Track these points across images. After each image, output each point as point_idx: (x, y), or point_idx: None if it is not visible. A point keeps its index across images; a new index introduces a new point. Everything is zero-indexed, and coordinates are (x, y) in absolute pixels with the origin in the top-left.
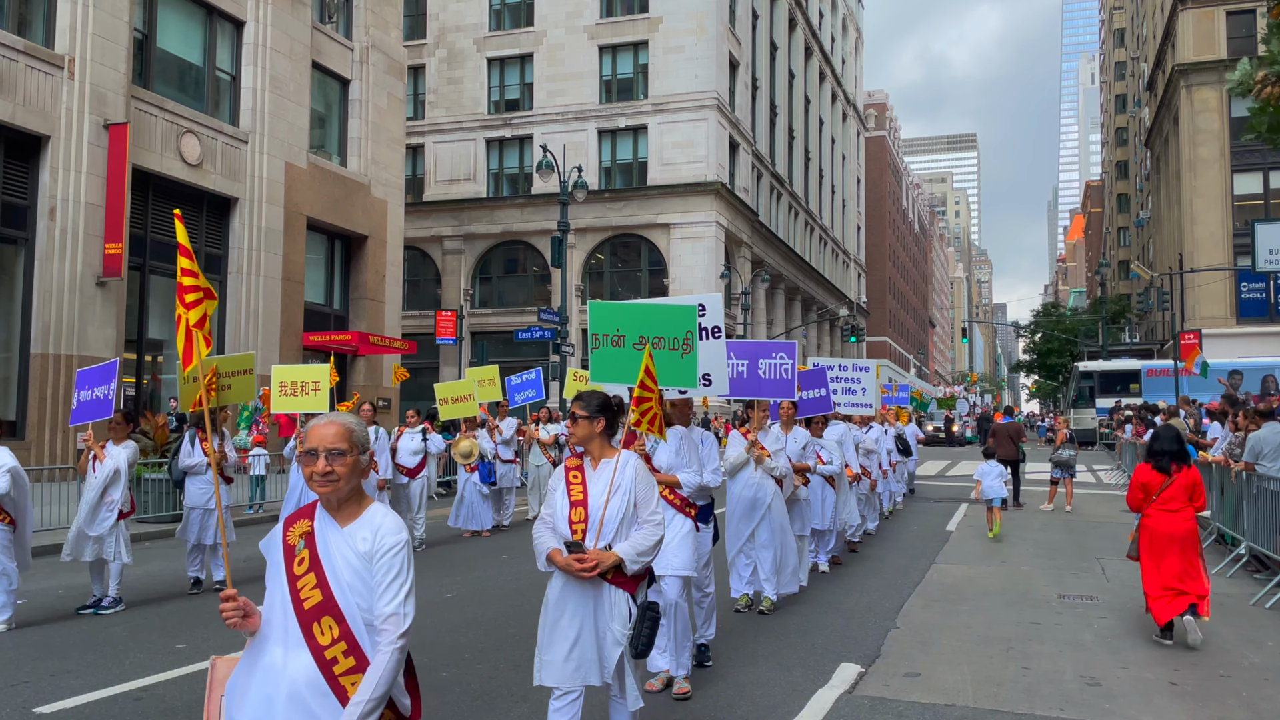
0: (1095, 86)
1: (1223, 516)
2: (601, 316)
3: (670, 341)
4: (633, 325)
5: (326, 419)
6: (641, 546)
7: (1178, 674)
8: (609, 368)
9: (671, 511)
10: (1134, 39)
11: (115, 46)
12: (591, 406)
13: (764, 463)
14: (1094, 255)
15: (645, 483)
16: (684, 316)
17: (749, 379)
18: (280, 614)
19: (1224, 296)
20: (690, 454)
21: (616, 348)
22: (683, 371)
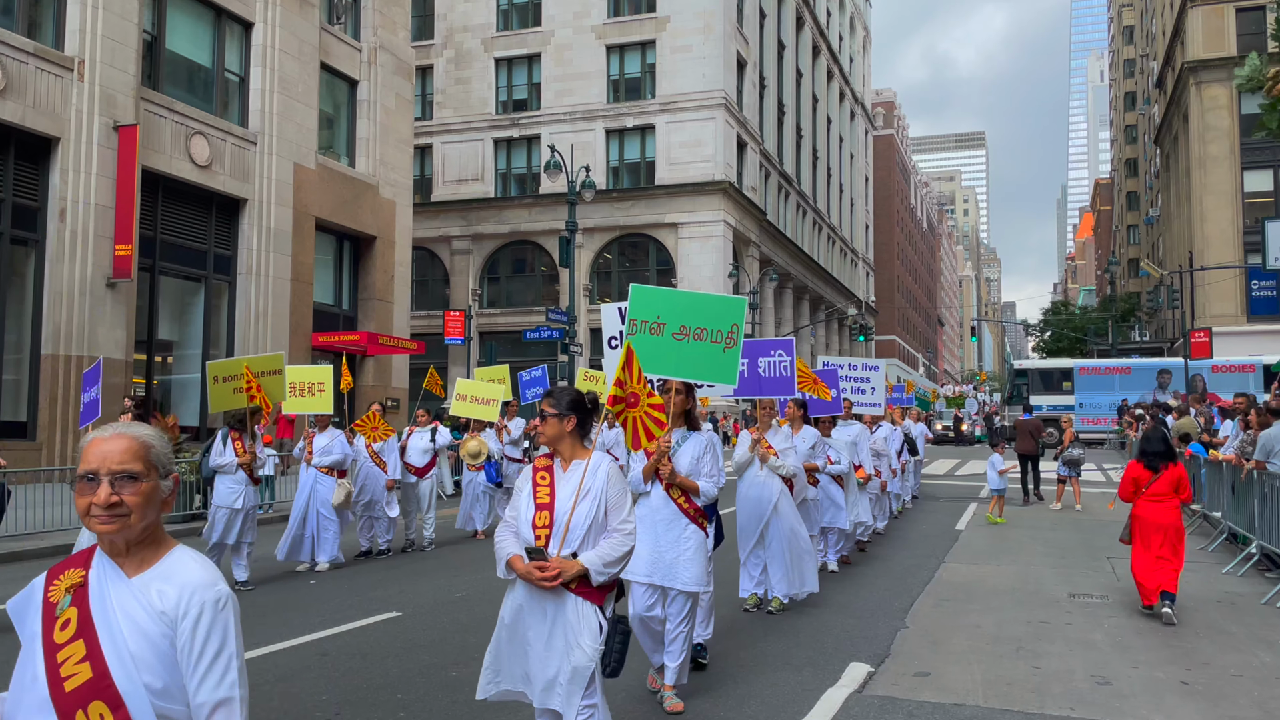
0: (1104, 84)
1: (1234, 515)
2: (643, 301)
3: (713, 334)
4: (675, 313)
5: (113, 431)
6: (609, 556)
7: (1189, 673)
8: (644, 356)
9: (684, 521)
10: (1143, 36)
11: (125, 48)
12: (562, 404)
13: (769, 461)
14: (1103, 253)
15: (618, 488)
16: (732, 309)
17: (750, 379)
18: (32, 699)
19: (1234, 294)
20: (712, 460)
21: (655, 335)
22: (723, 366)
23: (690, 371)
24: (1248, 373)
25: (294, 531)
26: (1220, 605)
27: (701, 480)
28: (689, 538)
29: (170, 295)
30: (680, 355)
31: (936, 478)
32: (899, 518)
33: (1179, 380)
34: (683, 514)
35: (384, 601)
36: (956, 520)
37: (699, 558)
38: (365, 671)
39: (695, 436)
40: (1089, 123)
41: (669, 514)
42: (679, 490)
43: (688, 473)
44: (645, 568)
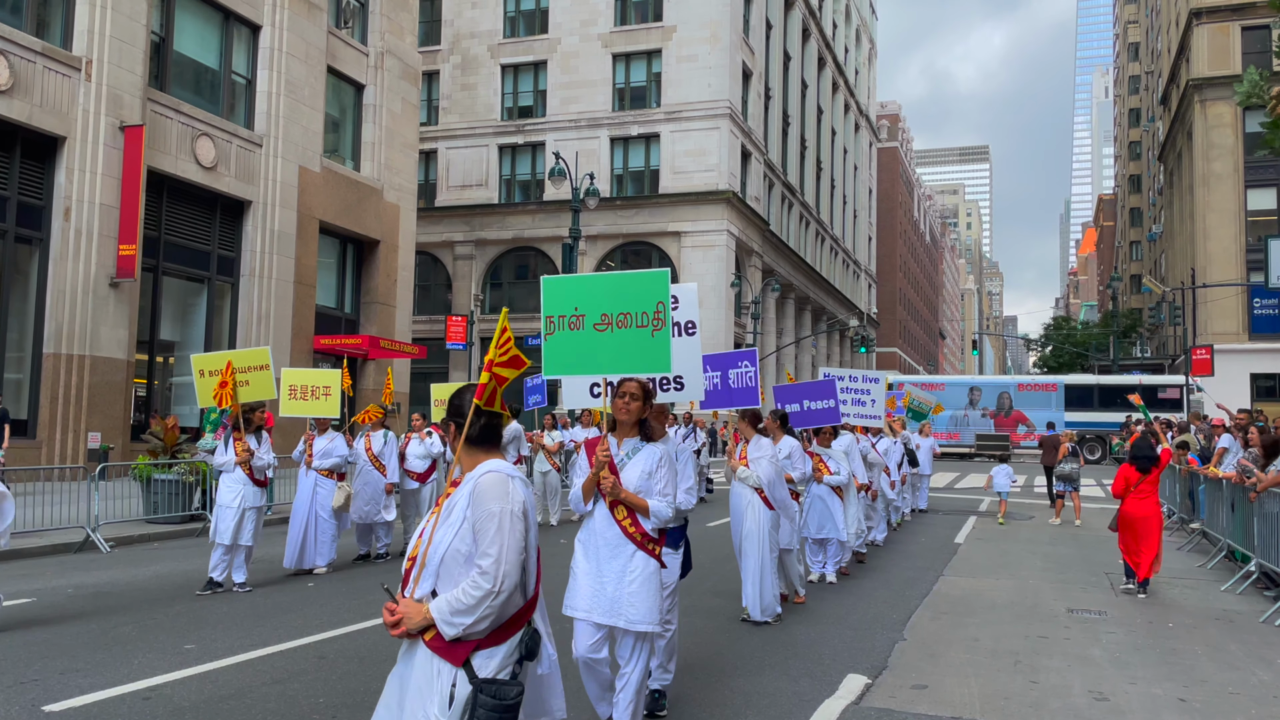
0: (1109, 100)
1: (1233, 533)
2: (557, 294)
3: (638, 317)
4: (594, 302)
5: None
6: (459, 603)
7: (1187, 690)
8: (566, 356)
9: (630, 547)
10: (1148, 53)
11: (132, 49)
12: (450, 411)
13: (737, 472)
14: (1106, 269)
15: (484, 508)
16: (653, 286)
17: (722, 390)
18: None
19: (1236, 312)
20: (668, 477)
21: (575, 330)
22: (654, 352)
23: (620, 364)
24: (1050, 391)
25: (298, 537)
26: (1219, 623)
27: (653, 499)
28: (636, 567)
29: (173, 296)
30: (605, 348)
31: (936, 491)
32: (898, 530)
33: None
34: (628, 538)
35: (382, 605)
36: (955, 533)
37: (648, 590)
38: (362, 675)
39: (649, 449)
40: (1093, 138)
41: (613, 538)
42: (625, 510)
43: (637, 489)
44: (585, 602)
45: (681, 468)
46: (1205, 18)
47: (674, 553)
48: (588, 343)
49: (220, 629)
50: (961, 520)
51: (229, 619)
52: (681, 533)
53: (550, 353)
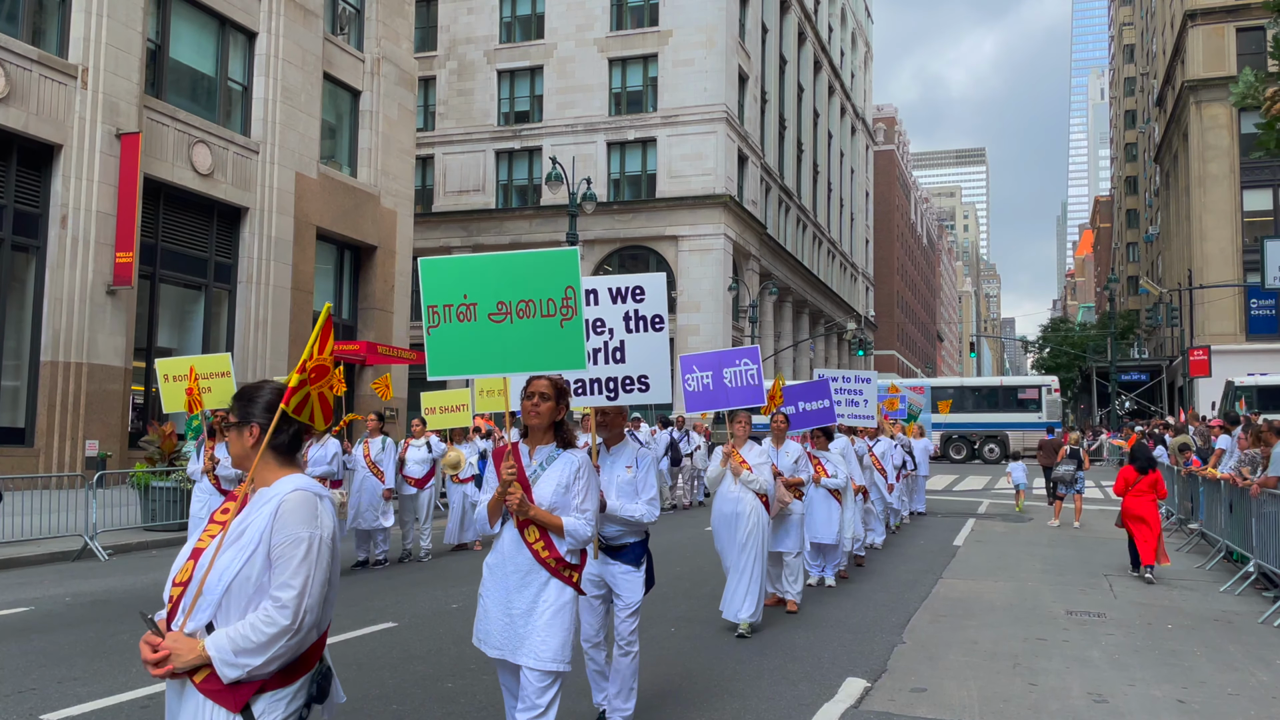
0: (1105, 102)
1: (1231, 534)
2: (439, 280)
3: (543, 304)
4: (487, 287)
5: None
6: (246, 641)
7: (1186, 692)
8: (455, 352)
9: (542, 574)
10: (1144, 55)
11: (128, 56)
12: (240, 408)
13: (741, 476)
14: (1103, 270)
15: (291, 533)
16: (560, 266)
17: (715, 390)
18: None
19: (1233, 313)
20: (587, 490)
21: (466, 322)
22: (564, 346)
23: (524, 361)
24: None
25: None
26: (1218, 624)
27: (570, 516)
28: (547, 597)
29: (170, 303)
30: (505, 342)
31: (934, 493)
32: (897, 533)
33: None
34: (540, 564)
35: (380, 612)
36: (954, 536)
37: (560, 623)
38: (361, 682)
39: (566, 458)
40: (1089, 140)
41: (523, 563)
42: (536, 531)
43: (551, 506)
44: (498, 638)
45: (644, 475)
46: (1200, 19)
47: (635, 570)
48: (482, 337)
49: None
50: (960, 523)
51: None
52: (642, 548)
53: (435, 349)
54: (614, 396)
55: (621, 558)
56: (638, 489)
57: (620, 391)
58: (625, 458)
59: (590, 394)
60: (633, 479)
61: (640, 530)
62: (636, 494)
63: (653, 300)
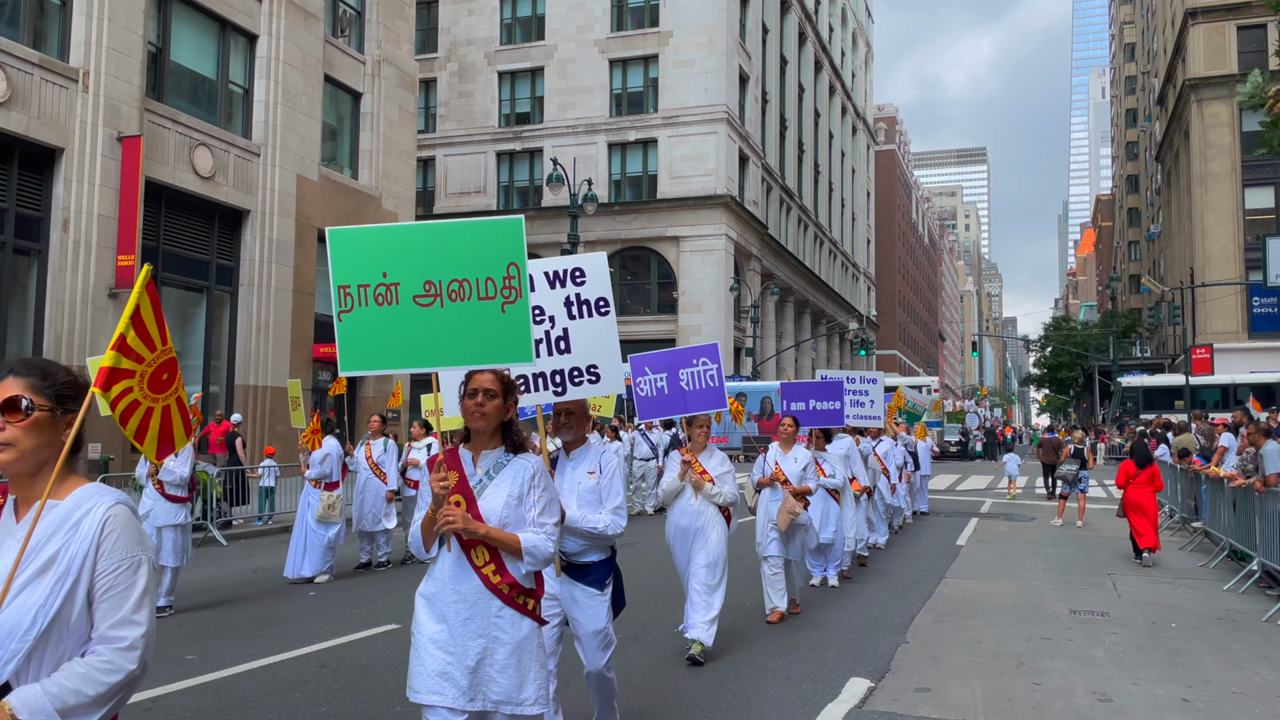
0: (1105, 101)
1: (1235, 533)
2: (352, 255)
3: (480, 285)
4: (411, 264)
5: None
6: (77, 697)
7: (1190, 690)
8: (374, 342)
9: (494, 604)
10: (1144, 53)
11: (129, 60)
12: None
13: (703, 489)
14: (1104, 269)
15: (123, 558)
16: (500, 240)
17: (671, 394)
18: None
19: (1235, 311)
20: (545, 500)
21: (385, 305)
22: (507, 334)
23: (459, 353)
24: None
25: (296, 547)
26: (1222, 622)
27: (526, 531)
28: (503, 631)
29: (172, 306)
30: (434, 330)
31: (938, 492)
32: (900, 532)
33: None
34: (492, 591)
35: (383, 613)
36: (957, 535)
37: (520, 661)
38: (364, 684)
39: (518, 464)
40: (1090, 139)
41: (469, 592)
42: (485, 553)
43: (502, 522)
44: (436, 682)
45: (608, 481)
46: (1200, 18)
47: (598, 595)
48: (405, 323)
49: (221, 639)
50: (963, 522)
51: (230, 629)
52: (608, 568)
53: (348, 338)
54: (562, 391)
55: (585, 579)
56: (601, 496)
57: (569, 384)
58: (588, 462)
59: (534, 390)
60: (596, 485)
61: (605, 545)
62: (600, 502)
63: (594, 282)
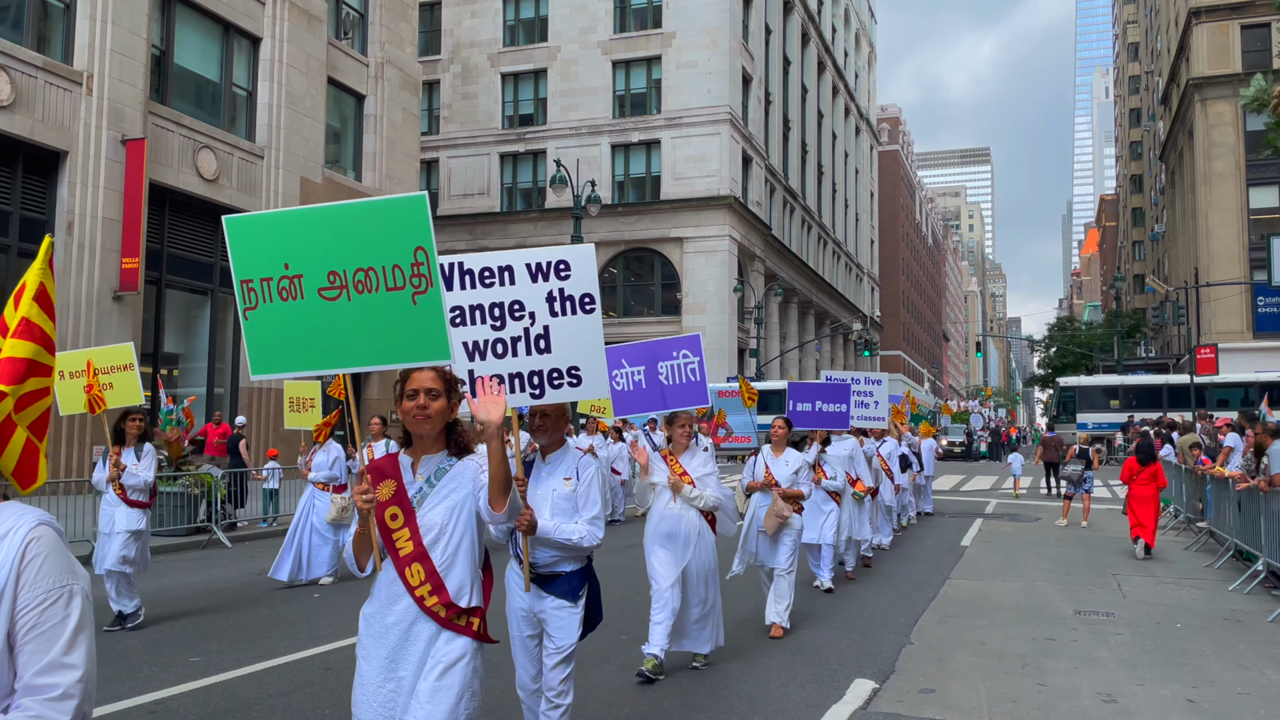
0: (1109, 100)
1: (1240, 533)
2: (254, 245)
3: (387, 274)
4: (314, 254)
5: None
6: None
7: (1195, 691)
8: (280, 342)
9: (429, 626)
10: (1148, 53)
11: (133, 63)
12: None
13: (682, 491)
14: (1109, 269)
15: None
16: (402, 221)
17: (649, 388)
18: None
19: (1240, 310)
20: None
21: (290, 300)
22: (417, 331)
23: (367, 351)
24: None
25: (288, 549)
26: (1227, 623)
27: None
28: (438, 659)
29: (176, 308)
30: (341, 327)
31: (942, 493)
32: (904, 533)
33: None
34: (426, 614)
35: None
36: (961, 536)
37: (450, 686)
38: None
39: (462, 469)
40: (1094, 139)
41: (405, 613)
42: (421, 572)
43: (444, 535)
44: (376, 712)
45: (585, 488)
46: (1204, 17)
47: (570, 606)
48: (312, 320)
49: (226, 641)
50: (967, 523)
51: (234, 631)
52: (581, 578)
53: (256, 339)
54: (540, 394)
55: (554, 589)
56: (578, 505)
57: (547, 387)
58: (564, 468)
59: (511, 392)
60: (572, 493)
61: (580, 556)
62: (576, 511)
63: (580, 276)
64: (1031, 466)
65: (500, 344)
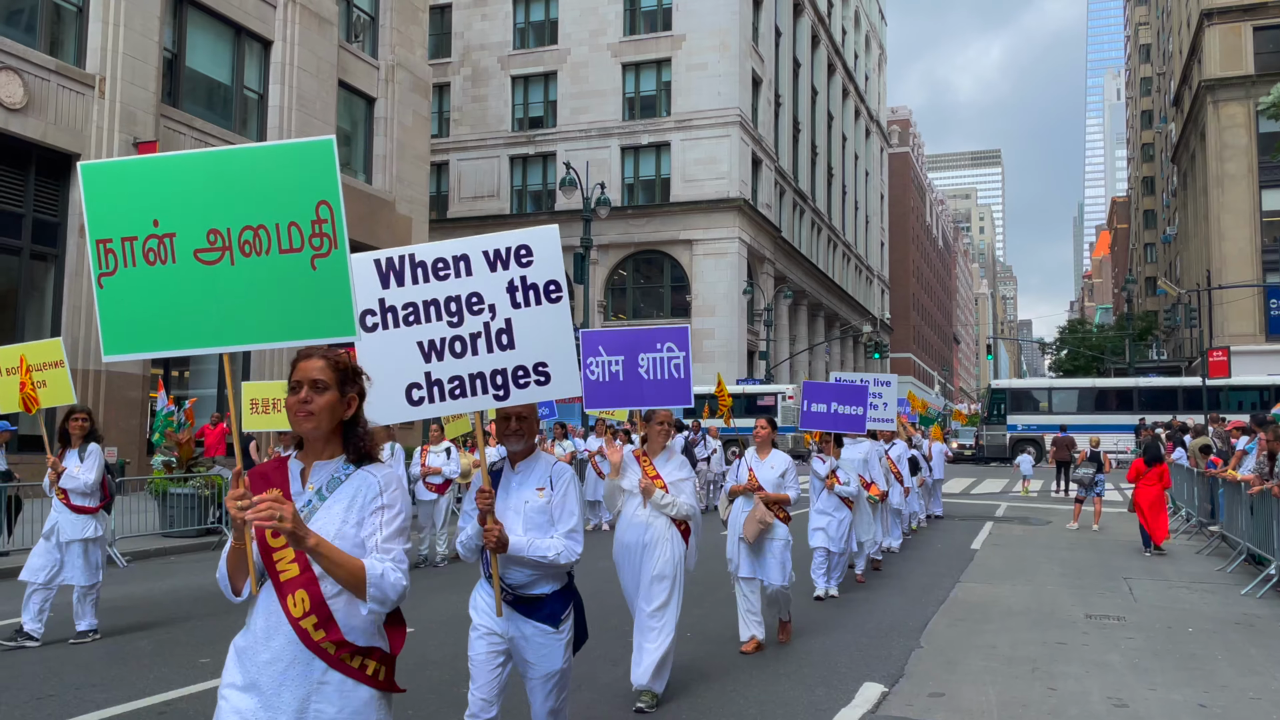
0: (1121, 102)
1: (1252, 536)
2: (116, 197)
3: (281, 233)
4: (190, 208)
5: None
6: None
7: (1207, 696)
8: (142, 316)
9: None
10: (1160, 54)
11: (145, 66)
12: None
13: (653, 497)
14: (1120, 271)
15: None
16: (303, 169)
17: (627, 382)
18: None
19: (1253, 313)
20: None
21: (157, 265)
22: (318, 301)
23: (254, 326)
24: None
25: None
26: (1239, 627)
27: (372, 559)
28: (328, 702)
29: None
30: (223, 297)
31: (952, 496)
32: (913, 536)
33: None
34: (312, 651)
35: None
36: (972, 539)
37: None
38: None
39: (360, 478)
40: (1106, 141)
41: (283, 650)
42: (306, 600)
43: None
44: None
45: (560, 499)
46: (1216, 18)
47: (554, 632)
48: (186, 288)
49: None
50: (978, 526)
51: None
52: (564, 600)
53: (112, 310)
54: (504, 394)
55: (535, 614)
56: (553, 517)
57: (512, 387)
58: (536, 476)
59: (472, 393)
60: (545, 504)
61: (560, 574)
62: (551, 524)
63: (544, 261)
64: (1044, 468)
65: (459, 342)
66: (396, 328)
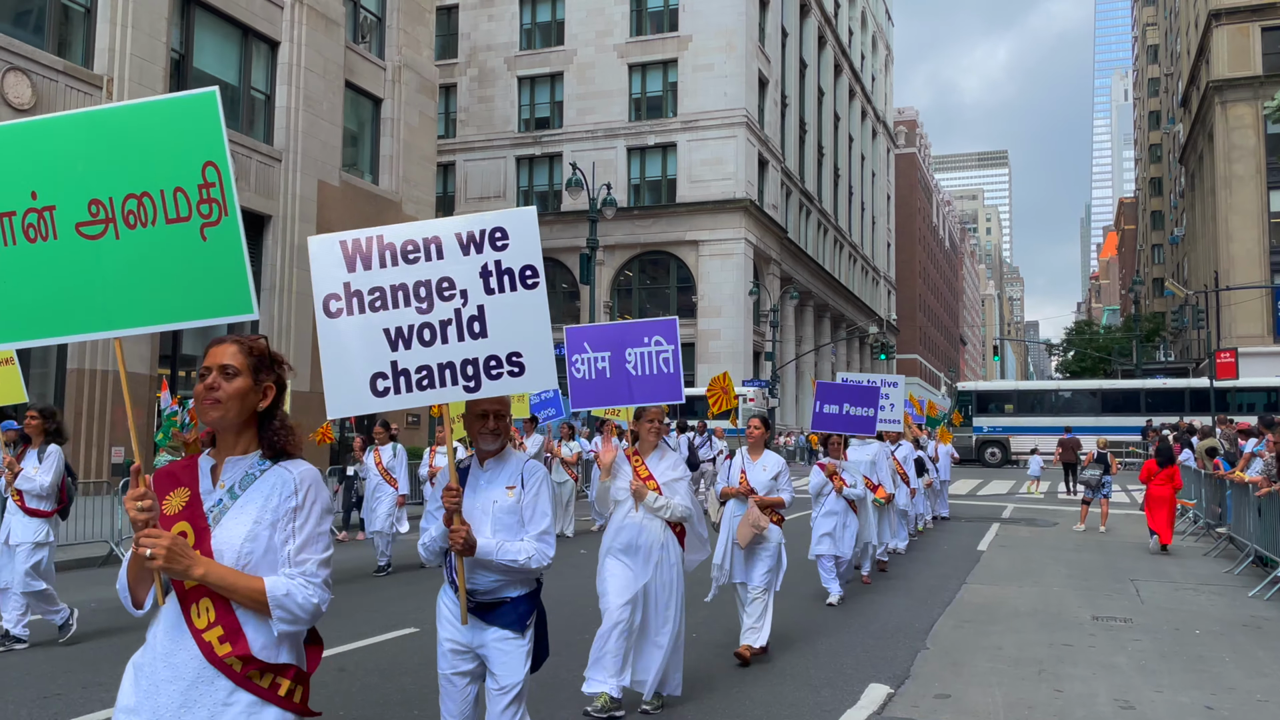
0: (1129, 103)
1: (1260, 538)
2: None
3: (167, 202)
4: (68, 177)
5: None
6: None
7: (1214, 698)
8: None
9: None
10: (1168, 55)
11: (153, 67)
12: None
13: (645, 499)
14: (1128, 272)
15: None
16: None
17: (614, 378)
18: None
19: (1260, 314)
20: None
21: (40, 242)
22: (210, 275)
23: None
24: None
25: None
26: (1246, 629)
27: (279, 574)
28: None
29: None
30: (108, 274)
31: (958, 497)
32: (920, 537)
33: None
34: (216, 667)
35: (402, 617)
36: (978, 540)
37: None
38: (383, 688)
39: (275, 475)
40: (1113, 141)
41: (186, 666)
42: (211, 611)
43: (242, 561)
44: None
45: (531, 499)
46: (1224, 19)
47: (517, 638)
48: (70, 266)
49: None
50: (984, 527)
51: None
52: (529, 605)
53: None
54: (475, 386)
55: (497, 619)
56: (523, 518)
57: (484, 378)
58: (506, 475)
59: (441, 384)
60: (516, 504)
61: (528, 579)
62: (522, 526)
63: (520, 245)
64: (1052, 470)
65: (428, 329)
66: (362, 313)
